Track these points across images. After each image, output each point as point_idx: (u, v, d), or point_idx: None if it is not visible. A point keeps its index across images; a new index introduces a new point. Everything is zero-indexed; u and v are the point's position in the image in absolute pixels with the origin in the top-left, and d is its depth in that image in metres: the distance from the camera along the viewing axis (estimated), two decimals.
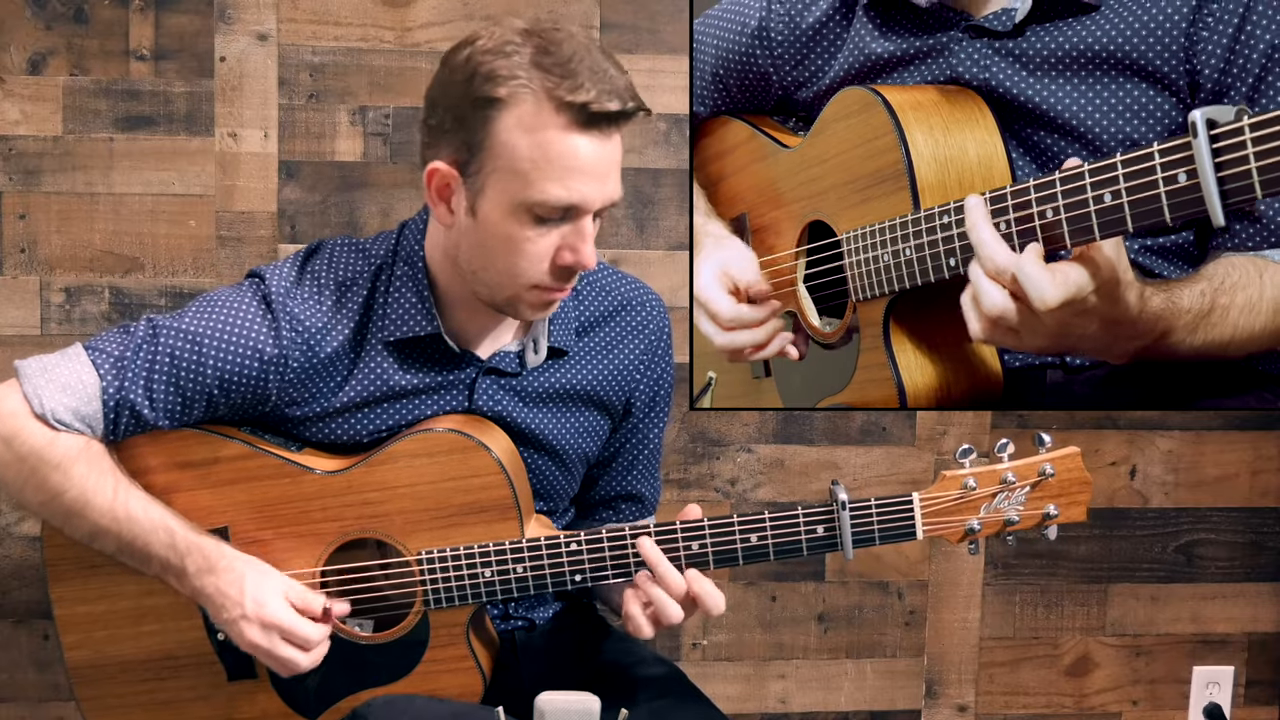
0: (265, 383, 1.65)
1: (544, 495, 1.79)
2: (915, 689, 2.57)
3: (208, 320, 1.64)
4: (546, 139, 1.49)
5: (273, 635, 1.60)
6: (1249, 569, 2.60)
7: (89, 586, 1.70)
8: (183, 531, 1.61)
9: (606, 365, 1.79)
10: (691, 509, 1.64)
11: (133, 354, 1.62)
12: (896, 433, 2.47)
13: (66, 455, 1.60)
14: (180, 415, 1.65)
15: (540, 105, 1.49)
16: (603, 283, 1.81)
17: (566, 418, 1.77)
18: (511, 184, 1.52)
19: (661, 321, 1.84)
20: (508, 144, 1.51)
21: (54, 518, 1.64)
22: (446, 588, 1.65)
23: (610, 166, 1.55)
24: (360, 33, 2.27)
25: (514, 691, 1.72)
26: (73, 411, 1.60)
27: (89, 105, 2.23)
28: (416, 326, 1.66)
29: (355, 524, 1.66)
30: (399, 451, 1.65)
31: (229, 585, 1.60)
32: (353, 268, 1.69)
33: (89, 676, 1.72)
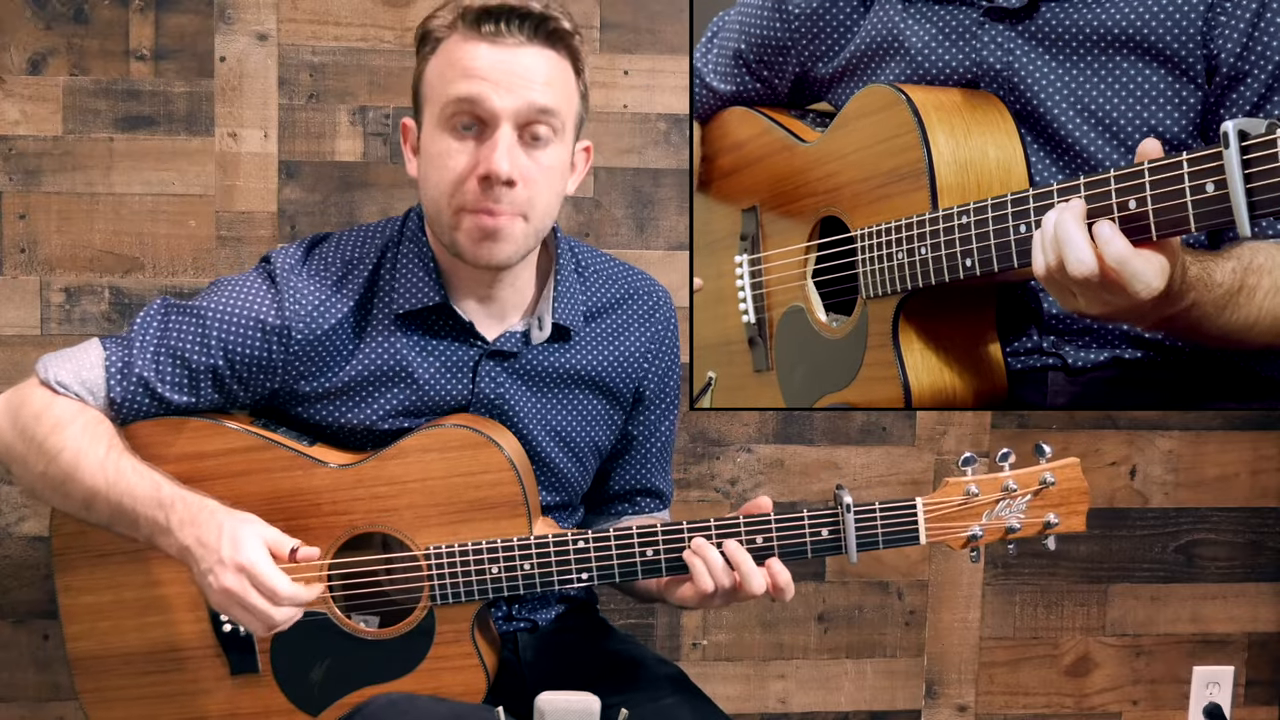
0: (269, 354, 1.67)
1: (554, 487, 1.79)
2: (915, 689, 2.57)
3: (215, 298, 1.69)
4: (451, 51, 1.61)
5: (243, 580, 1.54)
6: (1249, 569, 2.60)
7: (95, 576, 1.70)
8: (169, 486, 1.60)
9: (613, 351, 1.80)
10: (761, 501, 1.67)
11: (141, 328, 1.68)
12: (897, 433, 2.47)
13: (62, 416, 1.63)
14: (190, 390, 1.67)
15: (453, 35, 1.61)
16: (610, 271, 1.83)
17: (572, 403, 1.78)
18: (433, 106, 1.62)
19: (669, 312, 1.86)
20: (431, 74, 1.63)
21: (54, 488, 1.64)
22: (454, 584, 1.65)
23: (519, 73, 1.59)
24: (360, 33, 2.27)
25: (515, 692, 1.73)
26: (74, 375, 1.65)
27: (89, 105, 2.23)
28: (424, 298, 1.69)
29: (364, 518, 1.66)
30: (409, 446, 1.66)
31: (207, 533, 1.56)
32: (359, 248, 1.73)
33: (90, 668, 1.71)
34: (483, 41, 1.58)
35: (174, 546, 1.59)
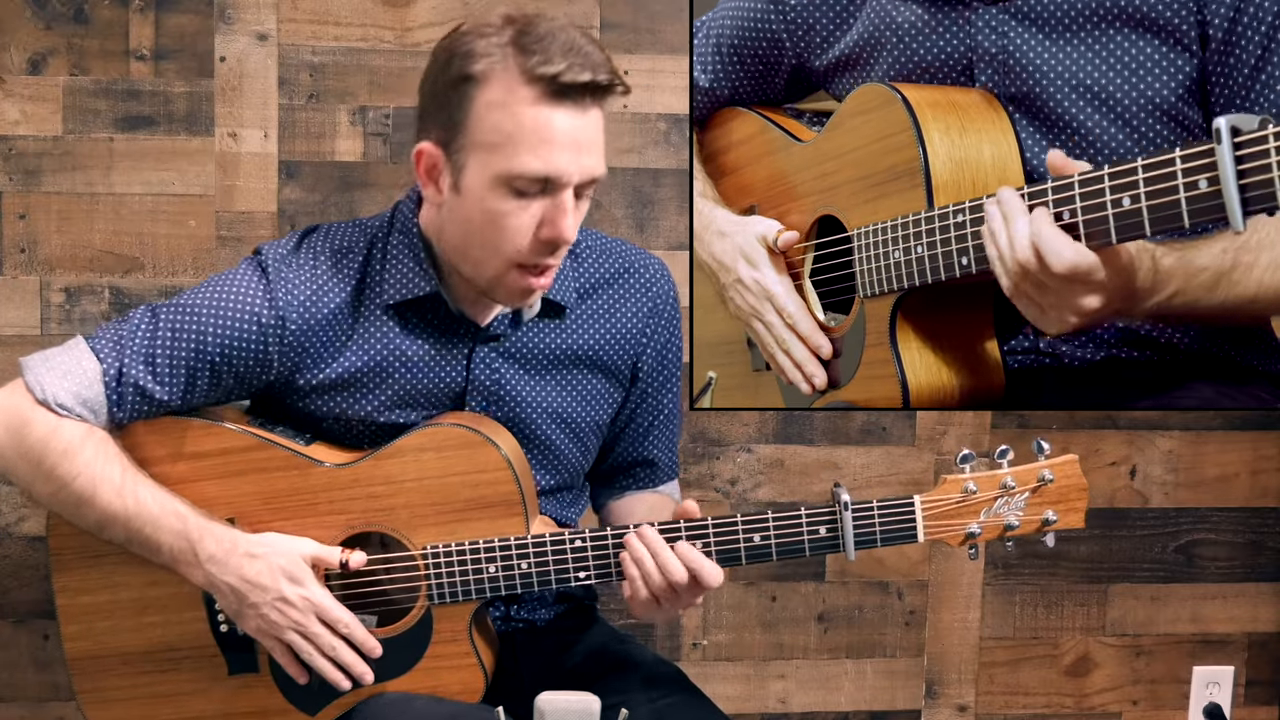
0: (265, 347, 1.66)
1: (553, 469, 1.80)
2: (915, 689, 2.57)
3: (205, 294, 1.68)
4: (519, 112, 1.53)
5: (309, 615, 1.61)
6: (1249, 569, 2.60)
7: (92, 576, 1.70)
8: (194, 518, 1.62)
9: (608, 328, 1.79)
10: (689, 506, 1.64)
11: (130, 333, 1.66)
12: (896, 433, 2.47)
13: (71, 442, 1.61)
14: (185, 390, 1.66)
15: (513, 79, 1.54)
16: (605, 247, 1.82)
17: (570, 383, 1.78)
18: (490, 158, 1.55)
19: (666, 285, 1.85)
20: (484, 119, 1.55)
21: (64, 508, 1.65)
22: (450, 583, 1.65)
23: (586, 141, 1.57)
24: (360, 33, 2.27)
25: (514, 692, 1.72)
26: (74, 395, 1.62)
27: (89, 105, 2.23)
28: (415, 288, 1.69)
29: (361, 517, 1.66)
30: (406, 445, 1.66)
31: (256, 572, 1.60)
32: (349, 238, 1.73)
33: (88, 668, 1.71)
34: (557, 108, 1.54)
35: (200, 576, 1.62)
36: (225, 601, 1.63)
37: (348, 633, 1.63)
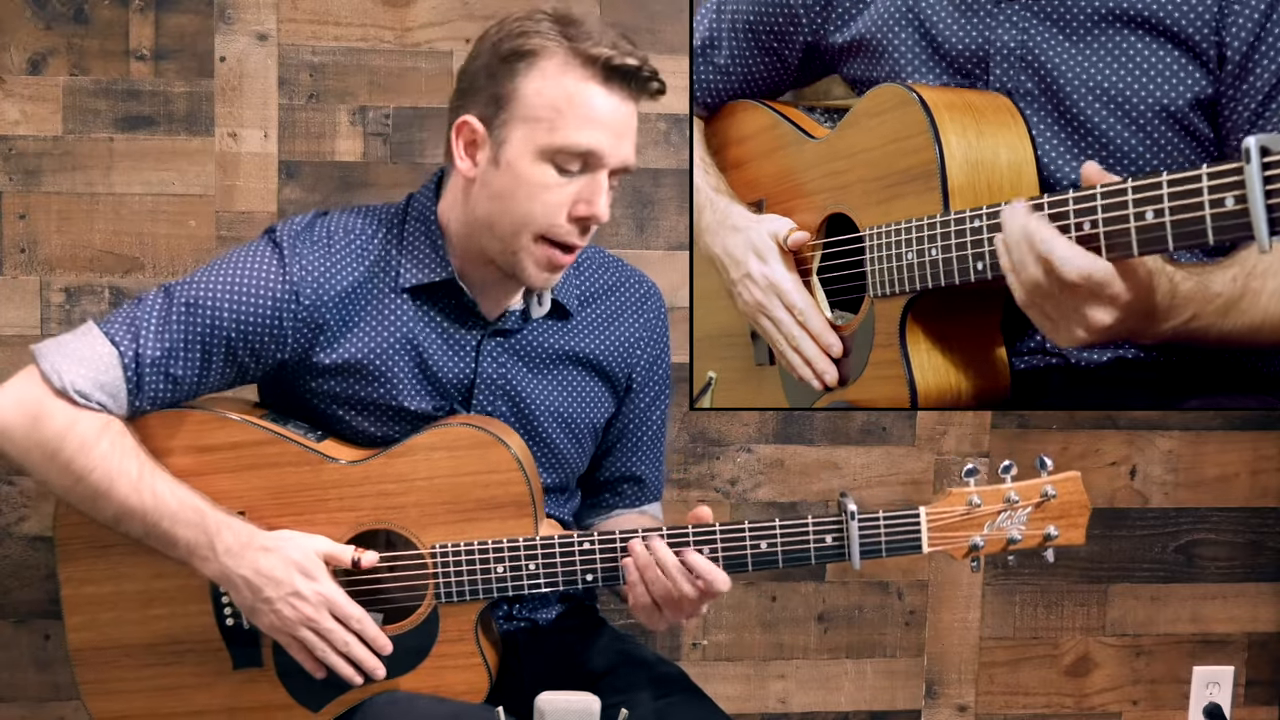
0: (280, 321, 1.67)
1: (553, 468, 1.81)
2: (915, 689, 2.57)
3: (219, 270, 1.69)
4: (570, 87, 1.61)
5: (323, 610, 1.61)
6: (1249, 569, 2.61)
7: (98, 567, 1.70)
8: (212, 512, 1.62)
9: (608, 335, 1.83)
10: (702, 511, 1.65)
11: (146, 315, 1.66)
12: (897, 433, 2.48)
13: (89, 436, 1.61)
14: (202, 368, 1.67)
15: (566, 58, 1.61)
16: (603, 260, 1.87)
17: (571, 383, 1.80)
18: (535, 131, 1.61)
19: (659, 303, 1.90)
20: (534, 93, 1.61)
21: (81, 502, 1.64)
22: (459, 582, 1.66)
23: (626, 128, 1.65)
24: (360, 33, 2.27)
25: (515, 691, 1.73)
26: (92, 381, 1.62)
27: (89, 105, 2.23)
28: (430, 273, 1.71)
29: (371, 515, 1.67)
30: (418, 444, 1.67)
31: (270, 565, 1.60)
32: (362, 221, 1.76)
33: (91, 660, 1.71)
34: (604, 89, 1.62)
35: (215, 570, 1.63)
36: (239, 596, 1.63)
37: (360, 629, 1.63)
